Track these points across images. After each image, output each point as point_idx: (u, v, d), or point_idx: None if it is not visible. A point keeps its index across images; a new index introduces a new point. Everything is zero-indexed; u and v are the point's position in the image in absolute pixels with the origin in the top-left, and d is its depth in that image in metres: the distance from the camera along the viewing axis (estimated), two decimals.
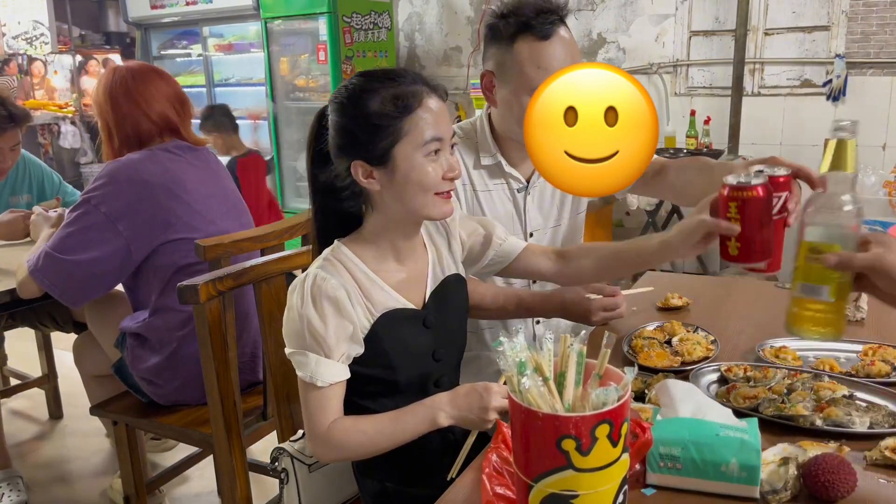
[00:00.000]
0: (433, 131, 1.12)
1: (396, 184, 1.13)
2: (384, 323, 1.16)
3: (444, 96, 1.18)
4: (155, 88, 1.91)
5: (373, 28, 5.07)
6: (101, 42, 7.65)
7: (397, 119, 1.10)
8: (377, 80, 1.13)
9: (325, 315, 1.10)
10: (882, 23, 3.81)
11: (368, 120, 1.11)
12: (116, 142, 1.90)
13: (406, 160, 1.11)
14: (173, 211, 1.81)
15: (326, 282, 1.11)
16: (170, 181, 1.83)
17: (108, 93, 1.89)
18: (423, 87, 1.14)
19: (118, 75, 1.91)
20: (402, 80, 1.13)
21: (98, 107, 1.93)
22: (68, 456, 2.69)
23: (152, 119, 1.89)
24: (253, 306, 1.67)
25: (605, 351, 0.85)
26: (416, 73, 1.16)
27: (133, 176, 1.80)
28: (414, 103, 1.11)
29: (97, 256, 1.76)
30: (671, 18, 4.36)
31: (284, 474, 1.28)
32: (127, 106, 1.88)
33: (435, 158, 1.13)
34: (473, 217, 1.44)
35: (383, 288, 1.17)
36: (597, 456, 0.78)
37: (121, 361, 1.96)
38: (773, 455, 0.97)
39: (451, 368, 1.29)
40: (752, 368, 1.27)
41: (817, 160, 1.00)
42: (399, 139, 1.11)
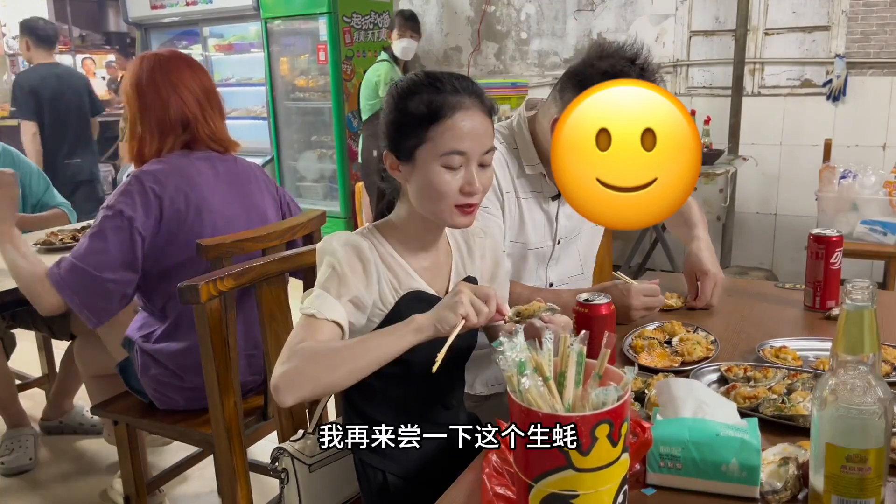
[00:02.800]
0: (456, 144, 1.13)
1: (415, 183, 1.17)
2: (408, 302, 1.19)
3: (489, 113, 1.18)
4: (178, 78, 1.82)
5: (373, 28, 5.07)
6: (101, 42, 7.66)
7: (425, 124, 1.13)
8: (425, 82, 1.16)
9: (353, 265, 1.14)
10: (882, 23, 3.81)
11: (401, 117, 1.16)
12: (139, 131, 1.81)
13: (425, 164, 1.15)
14: (197, 234, 1.74)
15: (360, 244, 1.17)
16: (197, 199, 1.77)
17: (133, 81, 1.82)
18: (466, 99, 1.14)
19: (146, 63, 1.83)
20: (445, 88, 1.14)
21: (125, 96, 1.85)
22: (68, 456, 2.69)
23: (172, 110, 1.80)
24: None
25: (605, 351, 0.85)
26: (468, 84, 1.17)
27: (159, 192, 1.72)
28: (445, 113, 1.13)
29: (114, 260, 1.71)
30: (671, 18, 4.36)
31: (285, 474, 1.28)
32: (151, 94, 1.80)
33: (454, 170, 1.14)
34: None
35: (408, 272, 1.22)
36: (597, 456, 0.78)
37: (127, 361, 1.95)
38: (773, 455, 0.97)
39: (462, 361, 1.32)
40: (752, 368, 1.27)
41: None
42: (422, 143, 1.14)
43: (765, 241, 4.31)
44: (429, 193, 1.16)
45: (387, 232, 1.24)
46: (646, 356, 1.37)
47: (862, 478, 0.80)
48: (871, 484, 0.81)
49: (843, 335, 0.81)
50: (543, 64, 4.85)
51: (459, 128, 1.13)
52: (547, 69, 4.83)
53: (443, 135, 1.13)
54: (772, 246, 4.30)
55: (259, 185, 1.96)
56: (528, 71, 4.89)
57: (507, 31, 4.93)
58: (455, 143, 1.13)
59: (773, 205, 4.26)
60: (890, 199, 2.71)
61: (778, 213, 4.26)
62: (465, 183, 1.15)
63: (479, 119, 1.15)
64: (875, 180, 2.77)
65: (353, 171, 5.08)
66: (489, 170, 1.19)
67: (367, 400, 1.24)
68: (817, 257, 1.60)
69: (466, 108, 1.14)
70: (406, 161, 1.17)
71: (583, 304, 1.28)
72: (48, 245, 2.42)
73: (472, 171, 1.15)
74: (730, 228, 4.26)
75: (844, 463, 0.81)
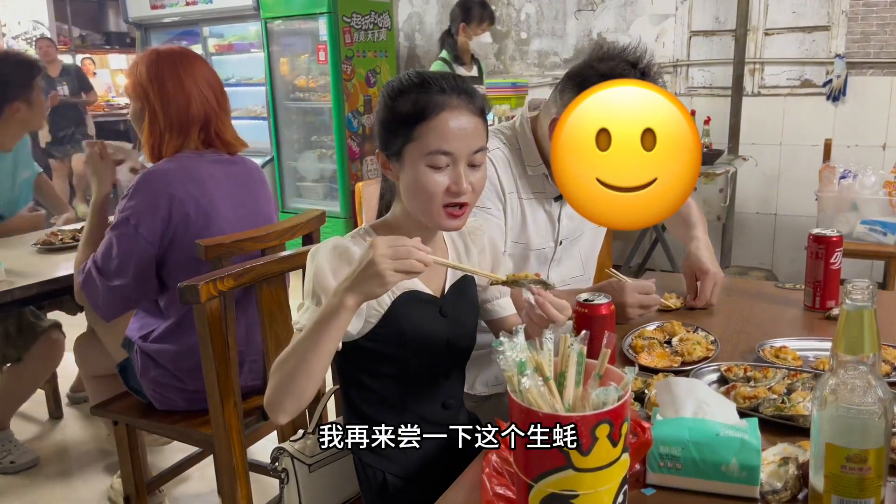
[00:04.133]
0: (441, 144, 1.13)
1: (404, 182, 1.18)
2: (403, 302, 1.19)
3: (479, 113, 1.17)
4: (200, 71, 1.81)
5: (373, 28, 5.07)
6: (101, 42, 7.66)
7: (411, 123, 1.14)
8: (414, 82, 1.16)
9: (337, 272, 1.13)
10: (882, 23, 3.81)
11: (390, 116, 1.17)
12: (160, 127, 1.78)
13: (412, 163, 1.15)
14: (205, 238, 1.73)
15: (348, 248, 1.16)
16: (207, 205, 1.77)
17: (152, 75, 1.77)
18: (454, 98, 1.14)
19: (163, 55, 1.80)
20: (432, 89, 1.14)
21: (138, 89, 1.79)
22: (68, 456, 2.69)
23: (197, 106, 1.78)
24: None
25: (605, 351, 0.85)
26: (457, 84, 1.16)
27: (168, 195, 1.72)
28: (431, 113, 1.13)
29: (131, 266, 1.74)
30: (671, 18, 4.36)
31: (284, 474, 1.28)
32: (174, 89, 1.77)
33: (441, 170, 1.14)
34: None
35: None
36: (597, 456, 0.78)
37: (127, 362, 1.95)
38: (773, 455, 0.97)
39: (461, 361, 1.31)
40: (752, 368, 1.27)
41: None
42: (409, 142, 1.15)
43: (765, 241, 4.31)
44: (416, 193, 1.16)
45: (383, 232, 1.24)
46: (646, 356, 1.37)
47: (862, 478, 0.80)
48: (871, 484, 0.81)
49: (843, 335, 0.81)
50: (543, 64, 4.84)
51: (445, 127, 1.13)
52: (547, 69, 4.83)
53: (428, 134, 1.13)
54: (772, 246, 4.31)
55: (264, 188, 1.97)
56: (528, 71, 4.89)
57: (507, 31, 4.93)
58: (440, 143, 1.13)
59: (772, 205, 4.26)
60: (890, 199, 2.70)
61: (778, 213, 4.26)
62: (451, 182, 1.14)
63: (467, 119, 1.14)
64: (875, 180, 2.76)
65: (352, 171, 5.09)
66: (480, 170, 1.18)
67: (366, 400, 1.24)
68: (817, 257, 1.60)
69: (453, 107, 1.14)
70: (395, 160, 1.18)
71: (583, 304, 1.28)
72: (48, 245, 2.42)
73: (460, 171, 1.14)
74: (730, 228, 4.26)
75: (844, 463, 0.80)
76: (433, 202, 1.15)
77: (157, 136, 1.80)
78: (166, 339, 1.84)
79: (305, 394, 1.08)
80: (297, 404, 1.09)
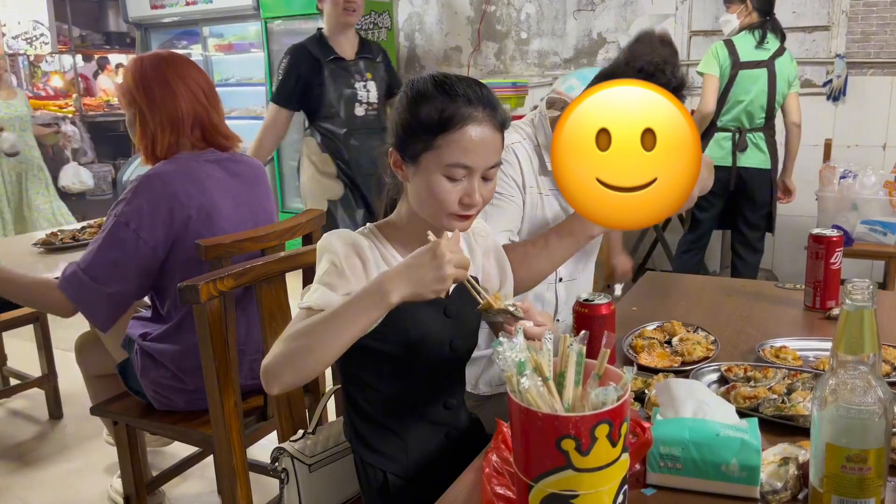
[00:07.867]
0: (461, 158, 1.12)
1: (415, 186, 1.17)
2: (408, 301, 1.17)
3: (500, 127, 1.17)
4: (185, 71, 1.82)
5: (373, 28, 5.07)
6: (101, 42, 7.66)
7: (434, 131, 1.13)
8: (439, 89, 1.14)
9: (352, 264, 1.14)
10: (882, 23, 3.81)
11: (412, 121, 1.15)
12: (151, 127, 1.78)
13: (428, 171, 1.14)
14: (206, 238, 1.72)
15: (360, 244, 1.17)
16: (208, 205, 1.76)
17: (138, 79, 1.78)
18: (479, 111, 1.13)
19: (148, 61, 1.81)
20: (459, 99, 1.13)
21: (128, 96, 1.81)
22: (68, 456, 2.69)
23: (186, 103, 1.78)
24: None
25: (605, 351, 0.85)
26: (483, 95, 1.15)
27: (168, 196, 1.71)
28: (455, 125, 1.12)
29: (125, 269, 1.71)
30: (671, 18, 4.36)
31: (284, 474, 1.28)
32: (160, 89, 1.77)
33: (456, 181, 1.14)
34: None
35: None
36: (597, 456, 0.78)
37: (127, 362, 1.95)
38: (773, 455, 0.97)
39: (463, 362, 1.31)
40: (752, 368, 1.27)
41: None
42: (429, 149, 1.14)
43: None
44: (427, 199, 1.15)
45: (388, 232, 1.24)
46: (646, 356, 1.37)
47: (862, 478, 0.80)
48: (871, 484, 0.81)
49: (843, 335, 0.81)
50: (543, 64, 4.84)
51: (468, 141, 1.12)
52: (547, 69, 4.82)
53: (450, 145, 1.12)
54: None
55: (266, 187, 1.96)
56: (528, 71, 4.89)
57: (507, 31, 4.93)
58: (461, 157, 1.12)
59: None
60: (890, 199, 2.70)
61: (778, 213, 4.25)
62: (464, 195, 1.14)
63: (489, 134, 1.14)
64: (875, 180, 2.76)
65: None
66: (491, 183, 1.18)
67: (368, 399, 1.24)
68: (817, 257, 1.60)
69: (478, 121, 1.13)
70: (411, 162, 1.17)
71: (583, 303, 1.28)
72: (48, 245, 2.42)
73: (474, 184, 1.14)
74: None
75: (844, 463, 0.80)
76: (443, 210, 1.15)
77: (149, 137, 1.79)
78: (167, 339, 1.84)
79: (308, 373, 1.06)
80: (295, 380, 1.06)
